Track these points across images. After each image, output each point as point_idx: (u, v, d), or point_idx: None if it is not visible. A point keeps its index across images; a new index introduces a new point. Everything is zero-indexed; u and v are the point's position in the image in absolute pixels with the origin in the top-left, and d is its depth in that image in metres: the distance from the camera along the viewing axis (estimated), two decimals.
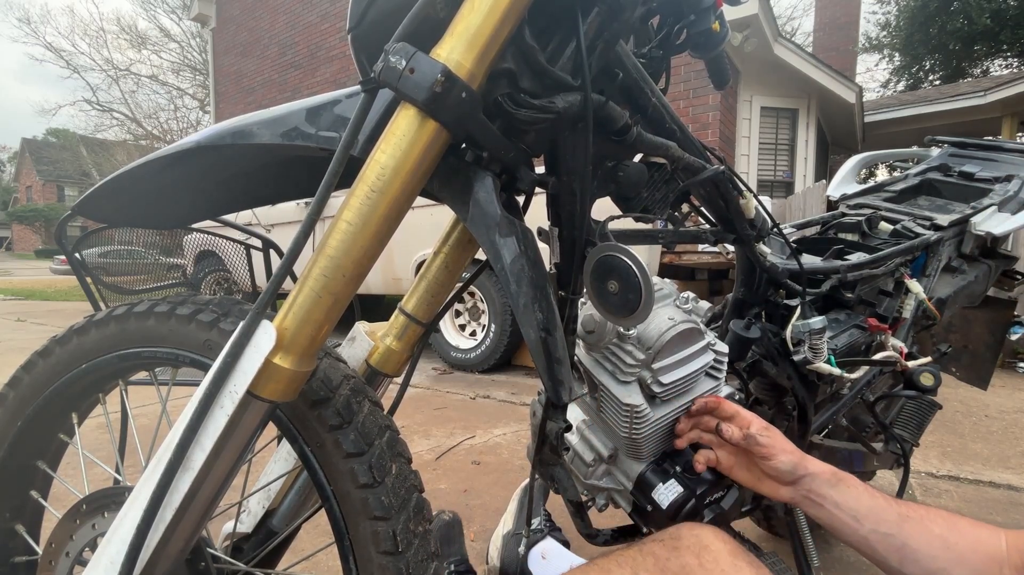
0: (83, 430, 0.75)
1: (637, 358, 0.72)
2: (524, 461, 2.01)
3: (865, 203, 1.34)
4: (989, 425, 2.56)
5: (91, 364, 0.66)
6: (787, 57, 6.18)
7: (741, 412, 0.73)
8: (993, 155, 1.40)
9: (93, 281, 1.62)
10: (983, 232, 1.18)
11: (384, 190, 0.49)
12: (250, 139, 0.58)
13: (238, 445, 0.54)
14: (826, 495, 0.66)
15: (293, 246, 0.51)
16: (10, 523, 0.76)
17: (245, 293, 4.20)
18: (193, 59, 21.90)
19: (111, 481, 0.75)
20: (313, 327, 0.51)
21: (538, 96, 0.55)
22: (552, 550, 1.08)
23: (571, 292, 0.64)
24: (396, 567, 0.57)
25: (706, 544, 0.54)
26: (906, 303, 1.08)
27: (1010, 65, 11.29)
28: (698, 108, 5.76)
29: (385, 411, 0.65)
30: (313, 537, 1.37)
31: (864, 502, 0.64)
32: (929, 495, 1.78)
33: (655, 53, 0.70)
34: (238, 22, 10.02)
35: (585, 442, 0.81)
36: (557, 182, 0.63)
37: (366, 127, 0.54)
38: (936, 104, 8.34)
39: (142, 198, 0.69)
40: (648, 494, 0.74)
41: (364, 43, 0.55)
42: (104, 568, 0.52)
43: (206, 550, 0.62)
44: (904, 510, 0.63)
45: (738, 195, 0.83)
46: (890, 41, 12.06)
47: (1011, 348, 3.82)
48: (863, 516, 0.64)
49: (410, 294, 0.76)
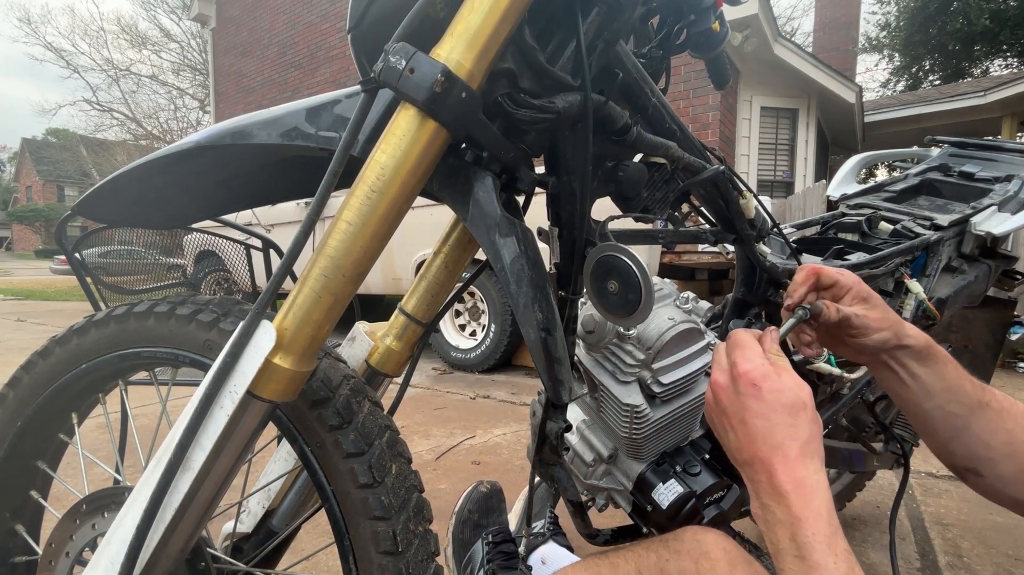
0: (83, 430, 0.75)
1: (637, 358, 0.72)
2: (524, 461, 2.01)
3: (865, 203, 1.34)
4: None
5: (91, 364, 0.66)
6: (787, 57, 6.18)
7: (840, 280, 0.64)
8: (993, 155, 1.40)
9: (93, 281, 1.62)
10: (983, 232, 1.18)
11: (384, 190, 0.49)
12: (250, 139, 0.58)
13: (238, 445, 0.54)
14: (908, 366, 0.62)
15: (293, 246, 0.51)
16: (10, 523, 0.76)
17: (245, 293, 4.20)
18: (193, 59, 21.91)
19: (111, 481, 0.75)
20: (313, 327, 0.51)
21: (538, 96, 0.55)
22: (553, 554, 1.07)
23: (571, 292, 0.64)
24: (396, 567, 0.57)
25: (706, 551, 0.54)
26: (906, 303, 1.08)
27: (1010, 65, 11.29)
28: (698, 108, 5.76)
29: (385, 411, 0.65)
30: (313, 537, 1.37)
31: (945, 381, 0.62)
32: (929, 495, 1.78)
33: (655, 53, 0.70)
34: (238, 22, 10.02)
35: (585, 442, 0.81)
36: (557, 182, 0.63)
37: (366, 127, 0.55)
38: (936, 104, 8.34)
39: (142, 198, 0.69)
40: (648, 494, 0.74)
41: (364, 43, 0.55)
42: (104, 568, 0.52)
43: (206, 550, 0.62)
44: (986, 398, 0.61)
45: (738, 195, 0.83)
46: (890, 41, 12.05)
47: (1011, 348, 3.82)
48: (937, 393, 0.62)
49: (410, 294, 0.76)
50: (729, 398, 0.52)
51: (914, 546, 1.45)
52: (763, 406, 0.49)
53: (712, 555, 0.54)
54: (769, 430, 0.49)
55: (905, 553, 1.41)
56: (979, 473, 0.61)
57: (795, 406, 0.49)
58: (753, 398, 0.50)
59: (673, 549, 0.56)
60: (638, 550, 0.58)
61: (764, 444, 0.49)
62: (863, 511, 1.64)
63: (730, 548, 0.54)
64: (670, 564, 0.54)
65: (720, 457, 0.78)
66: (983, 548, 1.44)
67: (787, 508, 0.45)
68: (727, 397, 0.52)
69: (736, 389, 0.52)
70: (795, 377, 0.51)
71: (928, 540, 1.49)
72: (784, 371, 0.51)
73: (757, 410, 0.50)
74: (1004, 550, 1.45)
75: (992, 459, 0.60)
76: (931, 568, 1.35)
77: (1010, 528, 1.56)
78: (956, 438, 0.61)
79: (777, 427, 0.49)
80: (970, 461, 0.62)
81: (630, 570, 0.56)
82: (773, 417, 0.49)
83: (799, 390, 0.50)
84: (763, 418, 0.49)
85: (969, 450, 0.61)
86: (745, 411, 0.50)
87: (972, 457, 0.61)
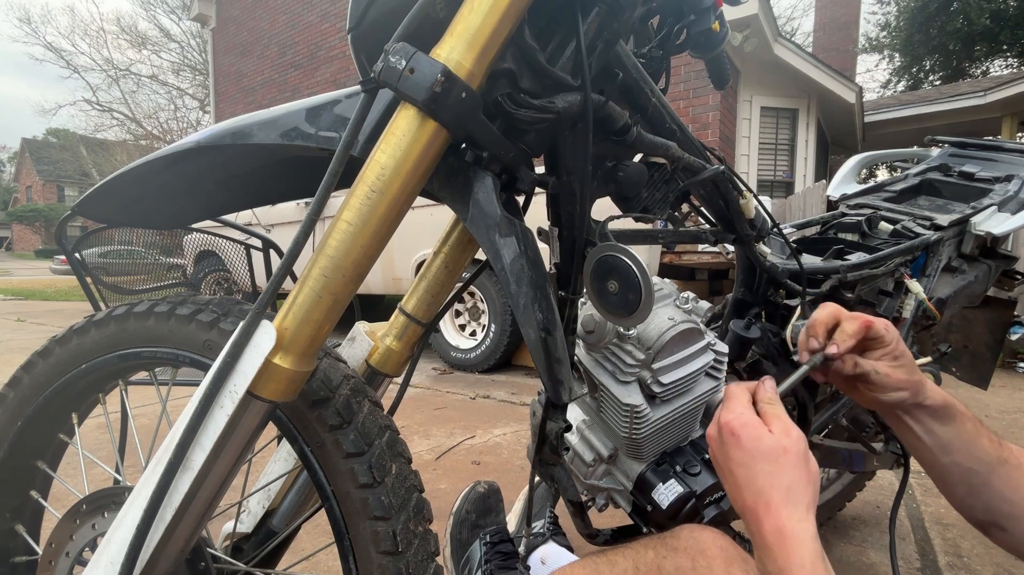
0: (83, 430, 0.75)
1: (637, 358, 0.72)
2: (524, 461, 2.01)
3: (865, 203, 1.34)
4: (989, 425, 2.56)
5: (91, 364, 0.66)
6: (787, 57, 6.18)
7: (885, 337, 0.61)
8: (993, 155, 1.40)
9: (93, 281, 1.62)
10: (983, 232, 1.18)
11: (384, 190, 0.49)
12: (250, 139, 0.58)
13: (238, 445, 0.54)
14: (924, 422, 0.61)
15: (293, 246, 0.51)
16: (10, 523, 0.76)
17: (245, 293, 4.20)
18: (193, 59, 21.90)
19: (111, 481, 0.75)
20: (313, 327, 0.51)
21: (538, 96, 0.55)
22: (553, 554, 1.07)
23: (571, 292, 0.64)
24: (396, 567, 0.57)
25: (703, 548, 0.54)
26: (906, 303, 1.08)
27: (1010, 65, 11.29)
28: (698, 108, 5.76)
29: (385, 411, 0.65)
30: (313, 537, 1.37)
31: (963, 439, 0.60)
32: (929, 495, 1.78)
33: (655, 53, 0.70)
34: (238, 22, 10.02)
35: (585, 442, 0.81)
36: (557, 182, 0.63)
37: (366, 127, 0.55)
38: (936, 104, 8.34)
39: (142, 198, 0.69)
40: (648, 494, 0.74)
41: (364, 43, 0.55)
42: (104, 568, 0.52)
43: (206, 550, 0.62)
44: (1004, 454, 0.60)
45: (738, 195, 0.83)
46: (890, 42, 12.05)
47: (1011, 348, 3.82)
48: (954, 450, 0.60)
49: (410, 294, 0.76)
50: (716, 448, 0.53)
51: (914, 546, 1.45)
52: (743, 454, 0.50)
53: (709, 553, 0.54)
54: (750, 478, 0.49)
55: (905, 553, 1.41)
56: (1002, 527, 0.60)
57: (774, 452, 0.49)
58: (734, 447, 0.51)
59: (670, 546, 0.56)
60: (636, 547, 0.58)
61: (748, 492, 0.49)
62: (863, 511, 1.64)
63: (727, 546, 0.55)
64: (667, 561, 0.55)
65: None
66: (983, 548, 1.44)
67: (773, 561, 0.45)
68: (715, 447, 0.54)
69: (721, 439, 0.52)
70: (783, 423, 0.51)
71: (928, 540, 1.49)
72: (774, 418, 0.51)
73: (739, 459, 0.50)
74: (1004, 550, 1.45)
75: (1015, 515, 0.58)
76: (931, 568, 1.35)
77: None
78: (975, 494, 0.60)
79: (758, 475, 0.49)
80: (991, 515, 0.60)
81: (628, 567, 0.56)
82: (753, 465, 0.49)
83: (783, 436, 0.50)
84: (744, 466, 0.50)
85: (990, 505, 0.59)
86: (729, 460, 0.51)
87: (994, 512, 0.59)
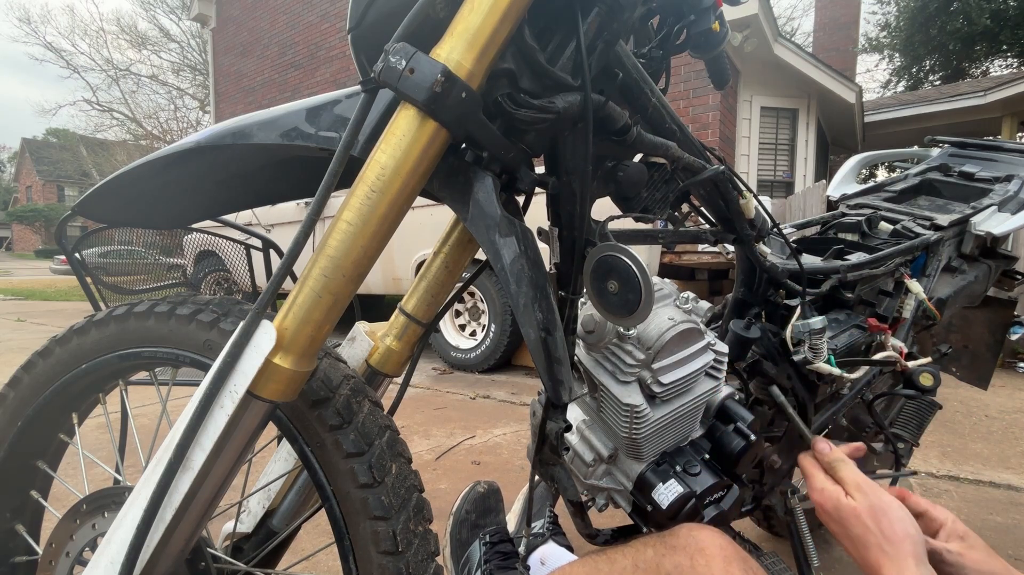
0: (83, 430, 0.75)
1: (637, 358, 0.72)
2: (524, 461, 2.01)
3: (865, 203, 1.34)
4: (989, 425, 2.56)
5: (91, 364, 0.66)
6: (787, 57, 6.18)
7: (931, 512, 0.63)
8: (993, 155, 1.40)
9: (93, 281, 1.62)
10: (983, 232, 1.18)
11: (384, 190, 0.49)
12: (250, 139, 0.58)
13: (238, 445, 0.54)
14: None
15: (293, 246, 0.51)
16: (10, 523, 0.76)
17: (245, 293, 4.20)
18: (193, 59, 21.90)
19: (111, 481, 0.75)
20: (313, 327, 0.51)
21: (538, 96, 0.55)
22: (552, 554, 1.07)
23: (571, 292, 0.64)
24: (396, 567, 0.57)
25: (702, 547, 0.54)
26: (906, 303, 1.08)
27: (1010, 65, 11.28)
28: (698, 108, 5.76)
29: (385, 411, 0.65)
30: (313, 537, 1.37)
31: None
32: (929, 495, 1.78)
33: (655, 53, 0.70)
34: (238, 22, 10.02)
35: (585, 442, 0.81)
36: (557, 182, 0.63)
37: (366, 127, 0.55)
38: (936, 104, 8.34)
39: (142, 198, 0.69)
40: (648, 494, 0.74)
41: (364, 43, 0.55)
42: (104, 568, 0.52)
43: (206, 550, 0.62)
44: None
45: (738, 195, 0.82)
46: (890, 41, 12.05)
47: (1011, 348, 3.82)
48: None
49: (410, 294, 0.76)
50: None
51: None
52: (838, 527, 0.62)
53: (708, 551, 0.54)
54: (854, 546, 0.60)
55: None
56: None
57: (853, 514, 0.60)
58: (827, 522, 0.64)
59: (669, 545, 0.56)
60: (635, 546, 0.58)
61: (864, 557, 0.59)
62: None
63: (725, 545, 0.55)
64: (666, 559, 0.55)
65: (720, 457, 0.78)
66: None
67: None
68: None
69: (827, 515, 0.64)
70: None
71: None
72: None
73: (842, 533, 0.62)
74: (1004, 550, 1.45)
75: None
76: None
77: (1010, 528, 1.56)
78: None
79: (855, 541, 0.59)
80: None
81: (627, 565, 0.56)
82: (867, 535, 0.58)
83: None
84: (849, 540, 0.60)
85: None
86: (839, 538, 0.62)
87: None
